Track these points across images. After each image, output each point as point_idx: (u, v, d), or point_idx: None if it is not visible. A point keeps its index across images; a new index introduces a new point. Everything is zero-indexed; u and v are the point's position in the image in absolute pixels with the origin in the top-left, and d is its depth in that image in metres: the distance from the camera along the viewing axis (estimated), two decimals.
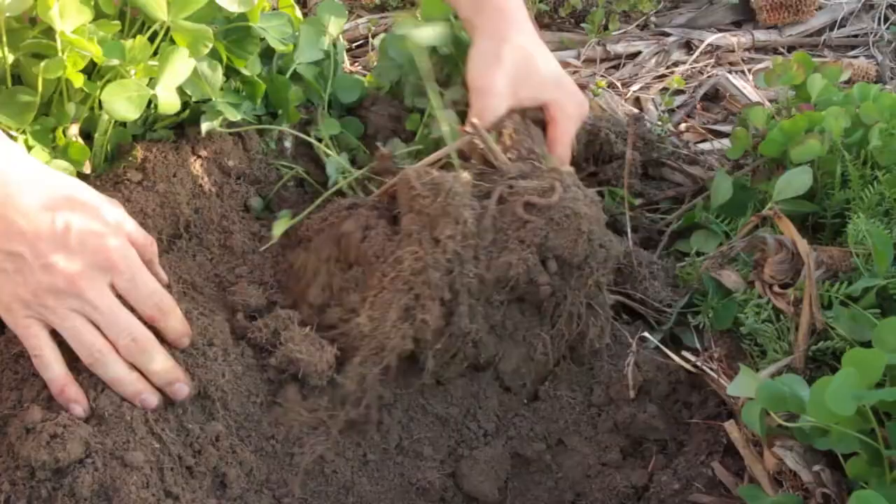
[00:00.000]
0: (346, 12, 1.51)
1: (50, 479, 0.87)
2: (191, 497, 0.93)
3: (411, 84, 1.46)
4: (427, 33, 1.36)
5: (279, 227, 1.22)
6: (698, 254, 1.33)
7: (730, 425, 1.03)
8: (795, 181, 1.23)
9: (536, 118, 1.28)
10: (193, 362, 1.02)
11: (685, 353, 1.13)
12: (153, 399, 0.97)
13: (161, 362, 0.98)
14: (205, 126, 1.26)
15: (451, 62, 1.41)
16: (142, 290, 0.99)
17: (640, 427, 1.12)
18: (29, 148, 1.13)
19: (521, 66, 1.27)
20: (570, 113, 1.29)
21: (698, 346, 1.17)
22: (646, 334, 1.14)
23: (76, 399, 0.95)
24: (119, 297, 0.98)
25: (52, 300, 0.95)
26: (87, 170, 1.20)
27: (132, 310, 0.99)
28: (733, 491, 1.00)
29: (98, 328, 0.96)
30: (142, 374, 0.98)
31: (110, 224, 0.99)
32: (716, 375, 1.09)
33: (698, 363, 1.10)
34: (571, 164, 1.27)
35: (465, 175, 1.11)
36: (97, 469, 0.88)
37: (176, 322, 1.02)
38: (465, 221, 1.06)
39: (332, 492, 1.03)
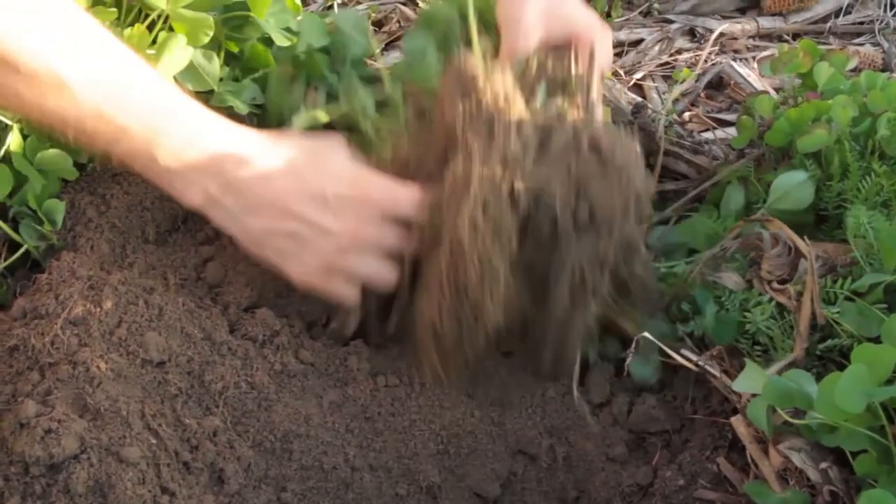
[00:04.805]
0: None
1: (44, 475, 0.86)
2: (187, 493, 0.91)
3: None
4: None
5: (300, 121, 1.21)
6: (691, 252, 1.29)
7: (736, 420, 1.01)
8: (795, 194, 1.20)
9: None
10: (191, 356, 1.00)
11: (685, 352, 1.10)
12: None
13: None
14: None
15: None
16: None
17: (642, 420, 1.11)
18: (24, 137, 1.12)
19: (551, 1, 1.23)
20: (604, 33, 1.25)
21: (692, 356, 1.13)
22: (646, 335, 1.10)
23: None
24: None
25: (341, 259, 1.04)
26: (84, 159, 1.19)
27: None
28: (739, 487, 0.99)
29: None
30: None
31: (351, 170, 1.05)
32: (717, 374, 1.07)
33: (700, 362, 1.08)
34: None
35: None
36: (92, 465, 0.86)
37: None
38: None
39: (331, 488, 1.01)
